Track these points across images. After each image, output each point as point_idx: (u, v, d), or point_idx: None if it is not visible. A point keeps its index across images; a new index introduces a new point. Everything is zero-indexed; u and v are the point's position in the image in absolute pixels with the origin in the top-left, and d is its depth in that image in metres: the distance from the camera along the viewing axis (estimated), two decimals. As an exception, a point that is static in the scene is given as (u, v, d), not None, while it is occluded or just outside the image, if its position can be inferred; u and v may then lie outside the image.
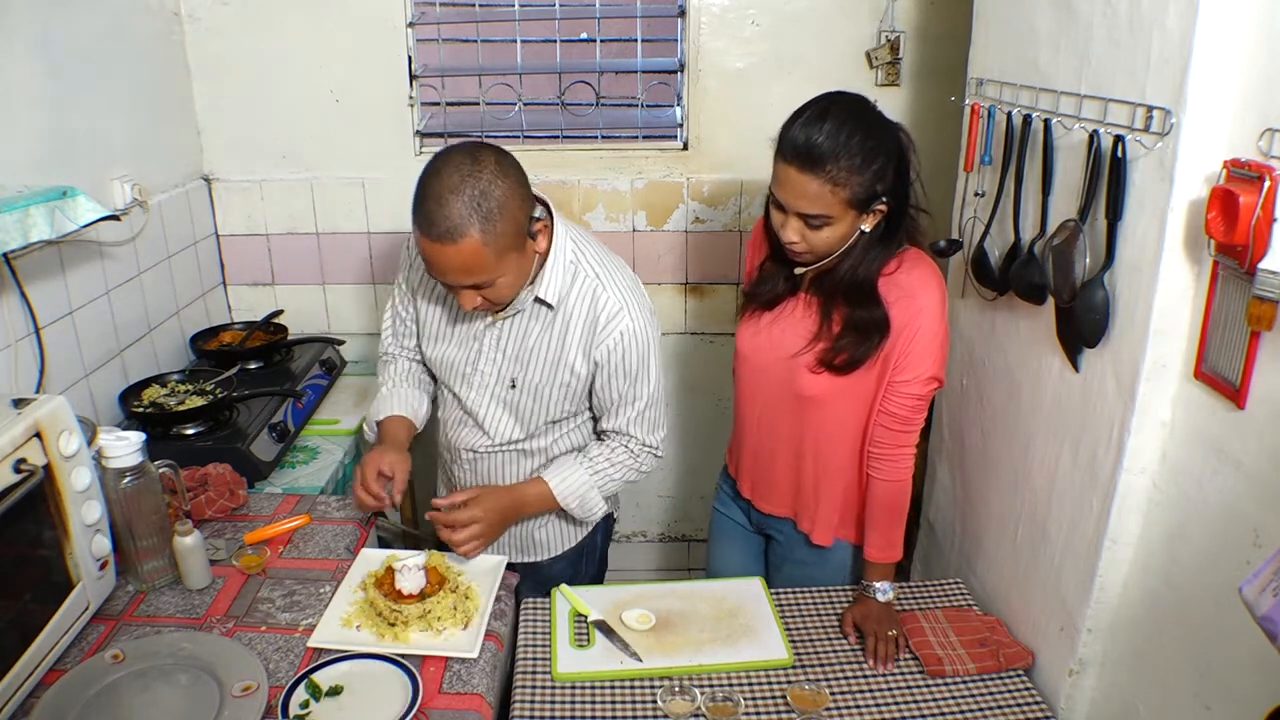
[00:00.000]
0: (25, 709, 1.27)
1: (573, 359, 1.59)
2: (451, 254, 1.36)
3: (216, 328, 2.50)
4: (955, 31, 2.14)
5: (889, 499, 1.66)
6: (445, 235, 1.35)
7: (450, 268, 1.39)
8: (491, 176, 1.37)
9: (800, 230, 1.50)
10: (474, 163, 1.37)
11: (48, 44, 1.84)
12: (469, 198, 1.34)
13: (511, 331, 1.61)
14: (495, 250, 1.38)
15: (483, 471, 1.77)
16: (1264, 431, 1.16)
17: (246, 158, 2.55)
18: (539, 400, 1.63)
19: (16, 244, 1.52)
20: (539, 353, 1.60)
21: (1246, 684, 1.19)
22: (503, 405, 1.65)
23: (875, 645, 1.59)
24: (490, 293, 1.46)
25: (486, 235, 1.36)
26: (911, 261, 1.58)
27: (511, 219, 1.39)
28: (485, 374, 1.65)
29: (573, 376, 1.61)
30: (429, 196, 1.36)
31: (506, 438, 1.69)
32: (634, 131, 2.60)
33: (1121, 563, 1.44)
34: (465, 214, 1.34)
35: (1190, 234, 1.25)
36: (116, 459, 1.49)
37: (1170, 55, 1.24)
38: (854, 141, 1.41)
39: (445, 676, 1.41)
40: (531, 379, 1.62)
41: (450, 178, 1.35)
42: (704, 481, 2.92)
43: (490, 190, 1.36)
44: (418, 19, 2.47)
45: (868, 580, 1.68)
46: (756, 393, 1.74)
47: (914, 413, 1.60)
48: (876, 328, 1.55)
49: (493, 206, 1.36)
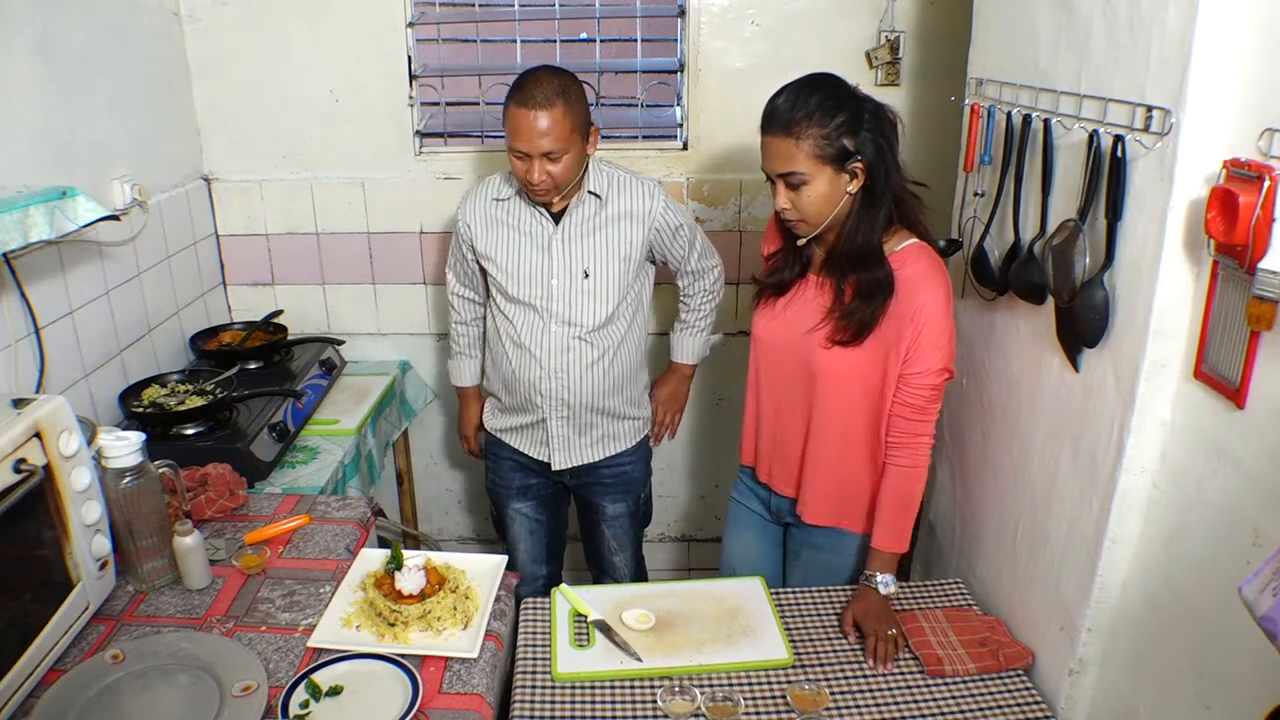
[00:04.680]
0: (25, 709, 1.27)
1: (631, 234, 2.00)
2: (542, 118, 1.77)
3: (216, 328, 2.51)
4: (955, 31, 2.13)
5: (903, 486, 1.68)
6: (541, 103, 1.77)
7: (538, 131, 1.78)
8: (571, 79, 1.85)
9: (787, 196, 1.59)
10: (559, 70, 1.86)
11: (48, 44, 1.84)
12: (558, 84, 1.80)
13: (572, 228, 1.98)
14: (571, 123, 1.81)
15: (573, 376, 2.03)
16: (1264, 431, 1.16)
17: (246, 158, 2.55)
18: (609, 278, 1.99)
19: (16, 244, 1.52)
20: (600, 239, 1.98)
21: (1246, 684, 1.19)
22: (583, 294, 2.00)
23: (875, 645, 1.59)
24: (556, 170, 1.84)
25: (568, 109, 1.80)
26: (915, 255, 1.60)
27: (583, 110, 1.86)
28: (561, 275, 1.98)
29: (631, 248, 2.00)
30: (528, 81, 1.80)
31: (592, 323, 2.00)
32: (634, 131, 2.60)
33: (1121, 562, 1.44)
34: (556, 91, 1.79)
35: (1190, 234, 1.25)
36: (116, 459, 1.49)
37: (1170, 55, 1.24)
38: (812, 100, 1.53)
39: (445, 676, 1.41)
40: (600, 262, 1.99)
41: (543, 73, 1.82)
42: (705, 481, 2.92)
43: (571, 85, 1.84)
44: (418, 19, 2.47)
45: (870, 570, 1.68)
46: (773, 375, 1.77)
47: (929, 402, 1.64)
48: (880, 288, 1.59)
49: (573, 94, 1.82)
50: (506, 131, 1.83)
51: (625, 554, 2.28)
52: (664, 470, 2.90)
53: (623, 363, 2.07)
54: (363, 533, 1.80)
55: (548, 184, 1.85)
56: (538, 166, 1.82)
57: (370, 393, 2.48)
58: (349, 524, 1.80)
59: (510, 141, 1.83)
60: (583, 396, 2.04)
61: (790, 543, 1.90)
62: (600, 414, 2.08)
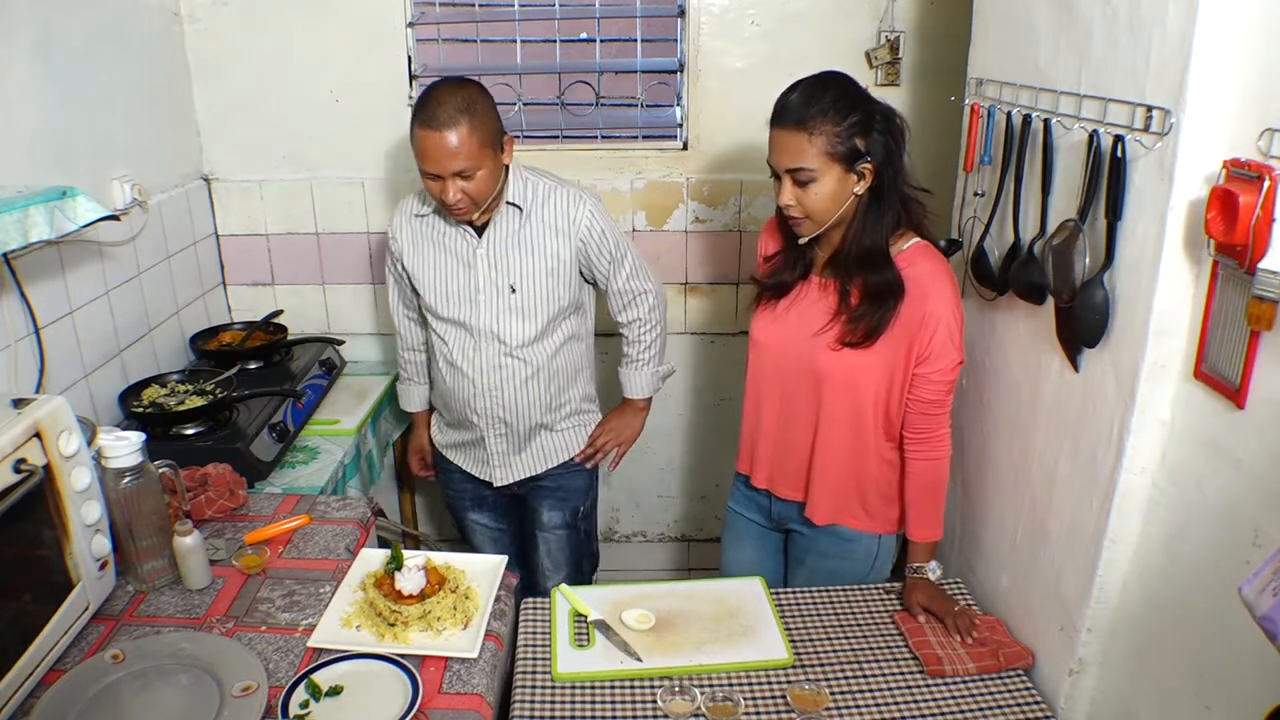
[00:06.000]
0: (25, 709, 1.27)
1: (555, 247, 1.92)
2: (448, 139, 1.72)
3: (216, 328, 2.50)
4: (955, 31, 2.13)
5: (928, 478, 1.70)
6: (443, 124, 1.71)
7: (445, 152, 1.73)
8: (476, 91, 1.79)
9: (793, 192, 1.57)
10: (462, 83, 1.79)
11: (48, 44, 1.84)
12: (461, 99, 1.74)
13: (495, 241, 1.92)
14: (479, 140, 1.75)
15: (508, 394, 1.99)
16: (1264, 431, 1.16)
17: (246, 158, 2.55)
18: (537, 294, 1.93)
19: (16, 244, 1.52)
20: (524, 252, 1.92)
21: (1246, 684, 1.19)
22: (510, 312, 1.94)
23: (954, 623, 1.64)
24: (471, 186, 1.78)
25: (474, 126, 1.74)
26: (921, 254, 1.61)
27: (491, 122, 1.80)
28: (487, 292, 1.94)
29: (559, 262, 1.93)
30: (429, 101, 1.74)
31: (521, 340, 1.95)
32: (634, 131, 2.60)
33: (1121, 562, 1.44)
34: (459, 108, 1.72)
35: (1190, 234, 1.25)
36: (116, 459, 1.49)
37: (1170, 55, 1.24)
38: (827, 96, 1.53)
39: (445, 676, 1.41)
40: (526, 277, 1.93)
41: (444, 89, 1.76)
42: (704, 482, 2.92)
43: (476, 98, 1.77)
44: (418, 19, 2.47)
45: (916, 562, 1.73)
46: (775, 379, 1.76)
47: (945, 395, 1.66)
48: (891, 291, 1.59)
49: (478, 109, 1.76)
50: (415, 153, 1.78)
51: (559, 576, 2.15)
52: (664, 470, 2.90)
53: (562, 376, 2.03)
54: (363, 533, 1.80)
55: (465, 203, 1.80)
56: (452, 187, 1.77)
57: (370, 393, 2.48)
58: (349, 524, 1.80)
59: (420, 164, 1.78)
60: (519, 413, 2.01)
61: (793, 549, 1.89)
62: (539, 428, 2.06)
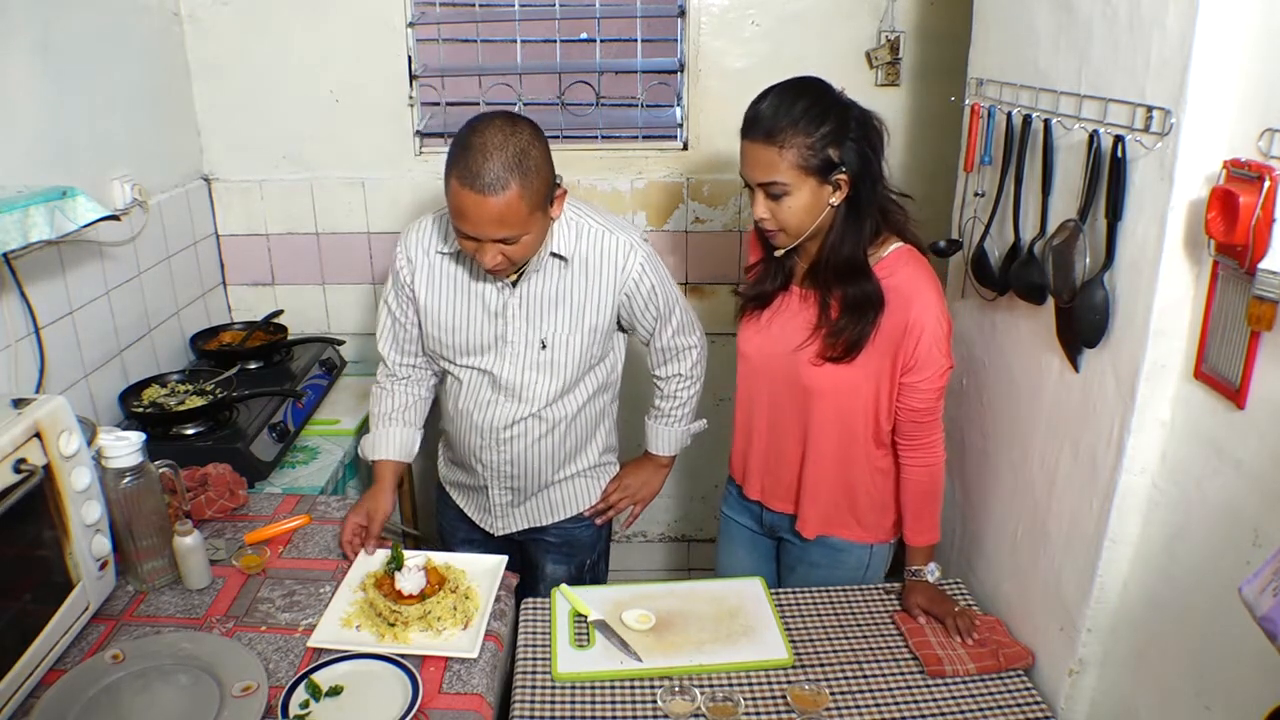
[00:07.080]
0: (25, 709, 1.27)
1: (600, 299, 1.68)
2: (492, 205, 1.44)
3: (216, 328, 2.50)
4: (955, 31, 2.13)
5: (924, 485, 1.69)
6: (489, 187, 1.43)
7: (488, 219, 1.46)
8: (529, 139, 1.48)
9: (766, 205, 1.52)
10: (514, 126, 1.48)
11: (48, 44, 1.83)
12: (511, 154, 1.44)
13: (531, 294, 1.67)
14: (529, 205, 1.48)
15: (517, 450, 1.77)
16: (1264, 431, 1.16)
17: (246, 158, 2.55)
18: (569, 351, 1.70)
19: (16, 244, 1.52)
20: (563, 305, 1.68)
21: (1246, 684, 1.19)
22: (536, 368, 1.71)
23: (954, 623, 1.63)
24: (513, 250, 1.52)
25: (525, 190, 1.45)
26: (902, 260, 1.58)
27: (544, 180, 1.50)
28: (515, 344, 1.69)
29: (600, 317, 1.70)
30: (474, 151, 1.44)
31: (545, 400, 1.72)
32: (634, 131, 2.60)
33: (1121, 562, 1.44)
34: (508, 169, 1.43)
35: (1190, 234, 1.25)
36: (116, 459, 1.49)
37: (1170, 55, 1.23)
38: (797, 107, 1.46)
39: (445, 676, 1.41)
40: (560, 333, 1.69)
41: (494, 136, 1.44)
42: (704, 481, 2.92)
43: (529, 150, 1.47)
44: (418, 19, 2.47)
45: (915, 566, 1.73)
46: (764, 391, 1.74)
47: (935, 402, 1.64)
48: (871, 303, 1.55)
49: (530, 165, 1.46)
50: (449, 205, 1.50)
51: None
52: (664, 470, 2.90)
53: (582, 432, 1.82)
54: (363, 533, 1.80)
55: (504, 265, 1.55)
56: (490, 250, 1.51)
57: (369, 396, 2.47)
58: (349, 524, 1.80)
59: (454, 219, 1.51)
60: (529, 471, 1.79)
61: (785, 557, 1.89)
62: (550, 485, 1.84)
